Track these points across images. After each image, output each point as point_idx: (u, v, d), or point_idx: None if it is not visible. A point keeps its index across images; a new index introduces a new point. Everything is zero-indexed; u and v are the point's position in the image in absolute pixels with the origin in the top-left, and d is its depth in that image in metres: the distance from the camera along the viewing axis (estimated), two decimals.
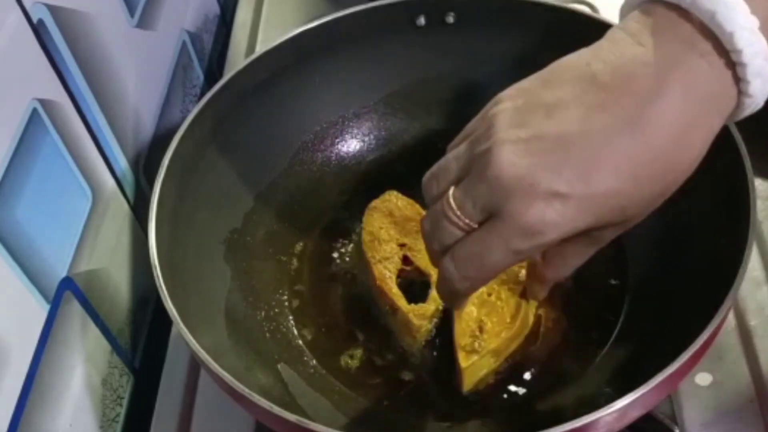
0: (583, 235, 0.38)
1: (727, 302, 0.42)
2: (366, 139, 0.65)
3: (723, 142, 0.48)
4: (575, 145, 0.36)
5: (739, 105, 0.36)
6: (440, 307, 0.54)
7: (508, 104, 0.38)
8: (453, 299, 0.44)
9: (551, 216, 0.36)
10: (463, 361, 0.49)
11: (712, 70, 0.35)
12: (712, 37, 0.35)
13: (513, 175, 0.36)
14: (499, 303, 0.52)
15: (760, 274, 0.57)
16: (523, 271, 0.53)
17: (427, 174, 0.41)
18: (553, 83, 0.38)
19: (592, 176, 0.36)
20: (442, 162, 0.41)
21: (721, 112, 0.37)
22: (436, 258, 0.42)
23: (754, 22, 0.34)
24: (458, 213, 0.38)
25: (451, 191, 0.39)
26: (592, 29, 0.56)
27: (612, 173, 0.36)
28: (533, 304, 0.52)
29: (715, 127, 0.37)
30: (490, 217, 0.37)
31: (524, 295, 0.51)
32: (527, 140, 0.36)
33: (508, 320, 0.51)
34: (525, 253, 0.37)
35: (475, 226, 0.38)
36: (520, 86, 0.39)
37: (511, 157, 0.36)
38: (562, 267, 0.43)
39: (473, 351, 0.50)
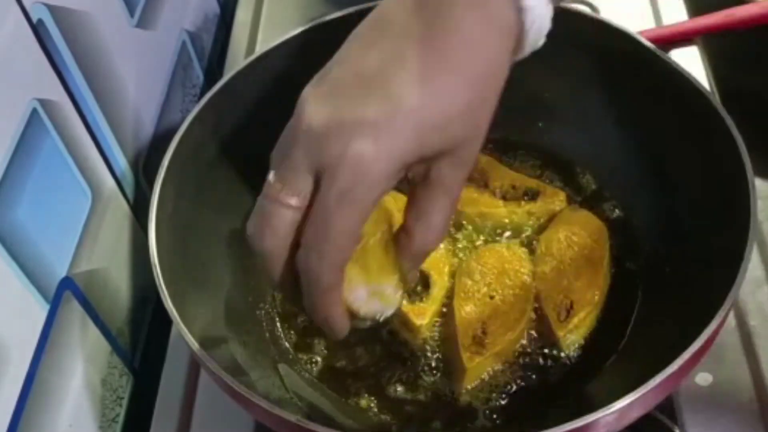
0: (424, 179, 0.38)
1: (727, 302, 0.42)
2: None
3: (723, 141, 0.48)
4: (374, 77, 0.36)
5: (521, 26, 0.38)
6: (440, 307, 0.54)
7: (310, 83, 0.39)
8: (321, 295, 0.38)
9: (368, 148, 0.35)
10: (468, 362, 0.49)
11: None
12: None
13: (319, 120, 0.36)
14: (503, 306, 0.52)
15: (760, 274, 0.57)
16: (528, 277, 0.53)
17: None
18: (342, 49, 0.39)
19: (395, 96, 0.35)
20: None
21: (503, 30, 0.37)
22: (276, 265, 0.39)
23: None
24: (281, 189, 0.37)
25: (270, 174, 0.38)
26: (593, 29, 0.57)
27: (414, 89, 0.35)
28: (531, 303, 0.52)
29: (505, 45, 0.37)
30: (316, 183, 0.36)
31: None
32: (327, 90, 0.37)
33: (512, 322, 0.51)
34: (363, 202, 0.36)
35: (305, 201, 0.36)
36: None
37: (314, 107, 0.36)
38: (425, 230, 0.40)
39: (478, 352, 0.50)
